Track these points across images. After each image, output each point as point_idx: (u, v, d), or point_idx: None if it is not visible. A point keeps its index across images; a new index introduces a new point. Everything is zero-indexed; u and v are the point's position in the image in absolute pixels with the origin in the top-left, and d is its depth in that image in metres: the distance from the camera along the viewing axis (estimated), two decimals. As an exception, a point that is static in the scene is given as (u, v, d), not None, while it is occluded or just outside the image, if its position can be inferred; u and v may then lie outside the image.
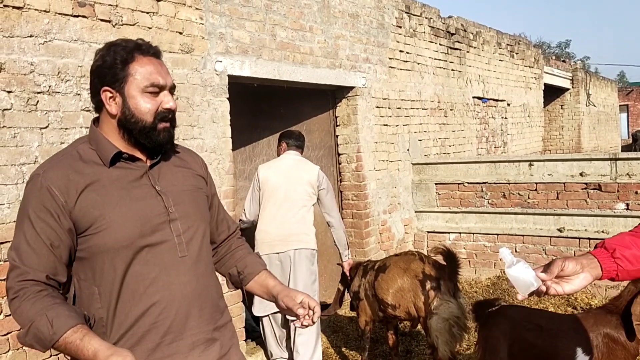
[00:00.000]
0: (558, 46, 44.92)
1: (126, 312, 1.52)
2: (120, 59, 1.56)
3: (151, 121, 1.57)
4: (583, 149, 15.18)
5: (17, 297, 1.45)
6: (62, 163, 1.55)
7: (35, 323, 1.41)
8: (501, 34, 9.96)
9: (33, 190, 1.52)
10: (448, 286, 3.43)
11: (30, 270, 1.47)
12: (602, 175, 5.70)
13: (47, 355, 3.25)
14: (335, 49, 5.69)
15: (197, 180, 1.75)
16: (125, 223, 1.51)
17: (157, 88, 1.57)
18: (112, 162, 1.56)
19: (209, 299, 1.67)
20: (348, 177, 6.08)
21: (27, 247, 1.48)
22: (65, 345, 1.40)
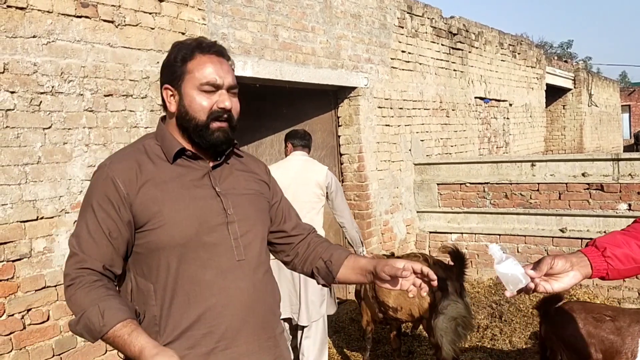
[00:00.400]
0: (560, 46, 44.87)
1: (181, 314, 1.50)
2: (181, 57, 1.56)
3: (204, 120, 1.55)
4: (585, 149, 15.16)
5: (73, 285, 1.46)
6: (129, 156, 1.56)
7: (87, 313, 1.41)
8: (503, 34, 9.96)
9: (98, 181, 1.54)
10: (455, 286, 3.41)
11: (88, 258, 1.48)
12: (604, 176, 5.69)
13: (50, 355, 3.26)
14: (338, 49, 5.69)
15: (259, 185, 1.73)
16: (182, 221, 1.51)
17: (213, 87, 1.55)
18: (175, 158, 1.57)
19: (265, 307, 1.63)
20: (350, 177, 6.08)
21: (87, 235, 1.50)
22: (114, 338, 1.40)
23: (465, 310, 3.41)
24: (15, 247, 3.10)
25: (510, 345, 4.50)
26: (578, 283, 1.50)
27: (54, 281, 3.28)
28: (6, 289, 3.06)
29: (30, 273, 3.18)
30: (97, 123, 3.52)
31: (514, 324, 4.92)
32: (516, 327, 4.85)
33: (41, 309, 3.22)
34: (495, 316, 5.17)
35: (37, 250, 3.21)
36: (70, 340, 3.36)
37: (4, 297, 3.05)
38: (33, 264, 3.19)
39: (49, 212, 3.26)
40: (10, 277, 3.08)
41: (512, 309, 5.28)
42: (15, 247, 3.10)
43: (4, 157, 3.06)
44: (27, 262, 3.17)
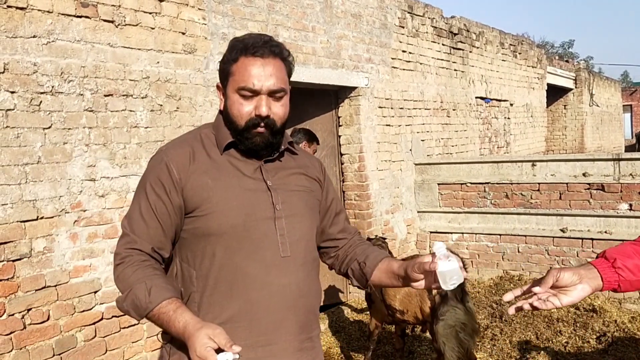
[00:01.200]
0: (561, 46, 44.85)
1: (222, 304, 1.51)
2: (228, 57, 1.56)
3: (243, 125, 1.54)
4: (586, 149, 15.14)
5: (122, 263, 1.49)
6: (185, 143, 1.59)
7: (134, 290, 1.44)
8: (504, 34, 9.95)
9: (154, 164, 1.57)
10: (455, 291, 3.31)
11: (138, 239, 1.51)
12: (605, 176, 5.68)
13: (50, 355, 3.26)
14: (338, 49, 5.69)
15: (310, 182, 1.71)
16: (231, 210, 1.51)
17: (250, 92, 1.53)
18: (226, 148, 1.58)
19: (307, 306, 1.61)
20: (350, 177, 6.08)
21: (139, 217, 1.53)
22: (159, 315, 1.42)
23: (466, 316, 3.33)
24: (15, 247, 3.11)
25: (511, 345, 4.49)
26: (587, 296, 1.44)
27: (54, 281, 3.29)
28: (6, 288, 3.07)
29: (30, 273, 3.18)
30: (97, 123, 3.52)
31: (515, 323, 4.92)
32: (516, 327, 4.84)
33: (41, 309, 3.22)
34: (495, 316, 5.17)
35: (37, 250, 3.21)
36: (70, 340, 3.37)
37: (4, 297, 3.05)
38: (33, 263, 3.20)
39: (49, 212, 3.27)
40: (11, 277, 3.09)
41: (512, 309, 5.27)
42: (15, 247, 3.11)
43: (4, 157, 3.06)
44: (27, 261, 3.17)
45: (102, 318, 3.54)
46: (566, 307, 5.18)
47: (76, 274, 3.40)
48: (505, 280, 6.07)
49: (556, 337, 4.61)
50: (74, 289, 3.40)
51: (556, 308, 1.42)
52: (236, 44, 1.56)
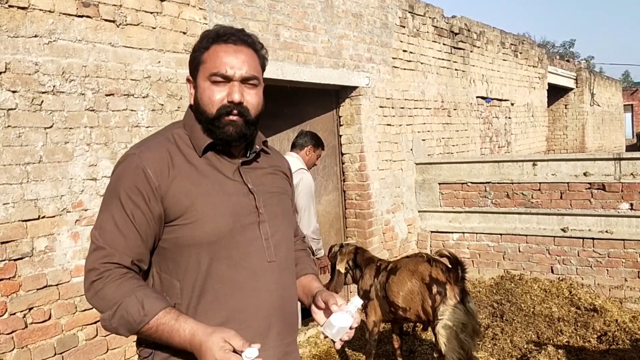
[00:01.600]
0: (562, 46, 44.81)
1: (208, 314, 1.43)
2: (198, 47, 1.50)
3: (213, 112, 1.46)
4: (587, 148, 15.13)
5: (100, 279, 1.38)
6: (159, 145, 1.48)
7: (123, 304, 1.34)
8: (505, 34, 9.95)
9: (127, 170, 1.44)
10: (455, 291, 3.35)
11: (116, 252, 1.40)
12: (606, 175, 5.68)
13: (52, 354, 3.26)
14: (339, 48, 5.69)
15: (284, 183, 1.67)
16: (217, 217, 1.44)
17: (223, 78, 1.45)
18: (204, 151, 1.49)
19: (290, 310, 1.59)
20: (351, 176, 6.08)
21: (114, 228, 1.41)
22: (157, 327, 1.34)
23: (465, 317, 3.32)
24: (16, 246, 3.11)
25: (512, 344, 4.50)
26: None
27: (55, 280, 3.29)
28: (8, 287, 3.07)
29: (31, 272, 3.18)
30: (98, 122, 3.53)
31: (515, 323, 4.92)
32: (517, 326, 4.84)
33: (43, 308, 3.23)
34: (496, 315, 5.17)
35: (38, 249, 3.22)
36: (71, 339, 3.37)
37: (5, 296, 3.06)
38: (34, 263, 3.20)
39: (50, 211, 3.27)
40: (12, 276, 3.09)
41: (513, 308, 5.28)
42: (16, 246, 3.11)
43: (5, 157, 3.07)
44: (29, 261, 3.17)
45: (103, 317, 3.54)
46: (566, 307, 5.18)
47: (77, 273, 3.41)
48: (506, 280, 6.07)
49: (557, 336, 4.61)
50: (76, 288, 3.40)
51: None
52: (207, 34, 1.51)
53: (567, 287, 5.63)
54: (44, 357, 3.22)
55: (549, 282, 5.83)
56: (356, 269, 4.06)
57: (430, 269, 3.47)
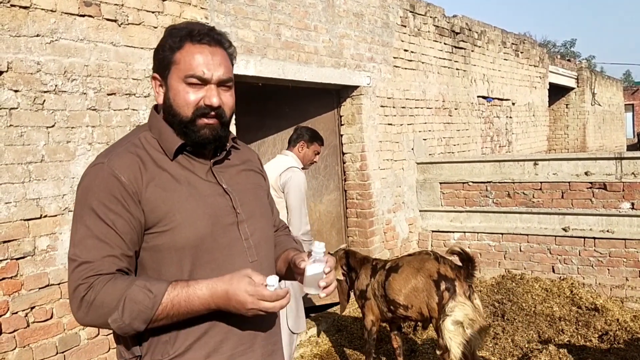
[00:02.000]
0: (563, 45, 44.79)
1: (194, 322, 1.37)
2: (169, 45, 1.42)
3: (189, 115, 1.41)
4: (588, 148, 15.13)
5: (90, 290, 1.29)
6: (127, 151, 1.41)
7: (128, 297, 1.27)
8: (506, 33, 9.95)
9: (97, 179, 1.36)
10: (463, 288, 3.36)
11: (102, 263, 1.31)
12: (607, 175, 5.68)
13: (54, 353, 3.27)
14: (340, 48, 5.69)
15: (258, 177, 1.64)
16: (197, 221, 1.39)
17: (200, 80, 1.41)
18: (175, 154, 1.44)
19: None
20: (352, 176, 6.09)
21: (95, 241, 1.32)
22: (172, 302, 1.29)
23: (474, 313, 3.32)
24: (19, 245, 3.12)
25: (513, 344, 4.50)
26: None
27: (57, 279, 3.29)
28: (10, 286, 3.08)
29: (33, 271, 3.19)
30: (100, 122, 3.53)
31: (517, 322, 4.92)
32: (518, 325, 4.85)
33: (45, 307, 3.23)
34: (497, 315, 5.17)
35: (40, 248, 3.22)
36: (73, 338, 3.38)
37: (7, 295, 3.06)
38: (37, 262, 3.21)
39: (52, 210, 3.27)
40: (14, 275, 3.10)
41: (514, 307, 5.28)
42: (19, 245, 3.12)
43: (7, 156, 3.07)
44: (31, 260, 3.18)
45: (105, 316, 3.54)
46: (568, 306, 5.18)
47: (79, 272, 3.41)
48: (507, 279, 6.07)
49: (558, 336, 4.61)
50: (77, 287, 3.40)
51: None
52: (177, 31, 1.44)
53: (568, 287, 5.63)
54: (45, 356, 3.22)
55: (550, 281, 5.83)
56: (351, 272, 4.03)
57: (438, 266, 3.46)
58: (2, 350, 3.01)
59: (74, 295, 1.31)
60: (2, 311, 3.03)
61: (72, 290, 1.31)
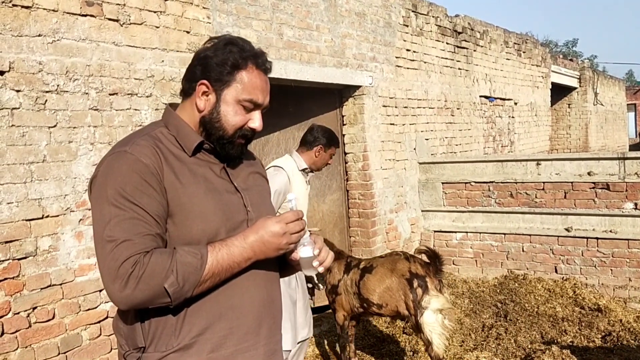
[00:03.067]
0: (565, 45, 44.73)
1: (201, 313, 1.41)
2: (233, 61, 1.47)
3: (231, 134, 1.50)
4: (590, 148, 15.10)
5: (137, 265, 1.28)
6: (146, 141, 1.43)
7: (178, 262, 1.31)
8: (508, 33, 9.93)
9: (122, 164, 1.36)
10: (434, 283, 3.52)
11: (142, 242, 1.32)
12: (610, 175, 5.67)
13: (55, 353, 3.26)
14: (342, 48, 5.68)
15: (262, 181, 1.71)
16: (212, 215, 1.44)
17: (253, 105, 1.50)
18: (194, 151, 1.49)
19: (277, 307, 1.60)
20: (354, 176, 6.08)
21: (131, 222, 1.32)
22: (216, 259, 1.36)
23: (448, 303, 3.54)
24: (20, 246, 3.11)
25: (516, 344, 4.48)
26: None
27: (59, 280, 3.29)
28: (12, 287, 3.07)
29: (35, 271, 3.18)
30: (102, 122, 3.53)
31: (519, 323, 4.91)
32: (521, 326, 4.83)
33: (47, 307, 3.23)
34: (500, 315, 5.16)
35: (42, 248, 3.22)
36: (75, 339, 3.37)
37: (9, 295, 3.06)
38: (38, 262, 3.20)
39: (54, 210, 3.27)
40: (16, 276, 3.09)
41: (517, 308, 5.27)
42: (20, 246, 3.11)
43: (9, 156, 3.06)
44: (33, 260, 3.17)
45: (107, 316, 3.54)
46: (570, 307, 5.16)
47: (81, 272, 3.41)
48: (509, 280, 6.06)
49: (561, 336, 4.60)
50: (79, 288, 3.40)
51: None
52: (240, 50, 1.48)
53: (571, 287, 5.61)
54: (47, 357, 3.22)
55: (552, 282, 5.82)
56: None
57: (409, 265, 3.62)
58: (4, 351, 3.01)
59: (118, 274, 1.28)
60: (4, 312, 3.03)
61: (115, 269, 1.28)
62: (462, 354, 4.33)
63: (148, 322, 1.40)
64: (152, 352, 1.40)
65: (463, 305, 5.51)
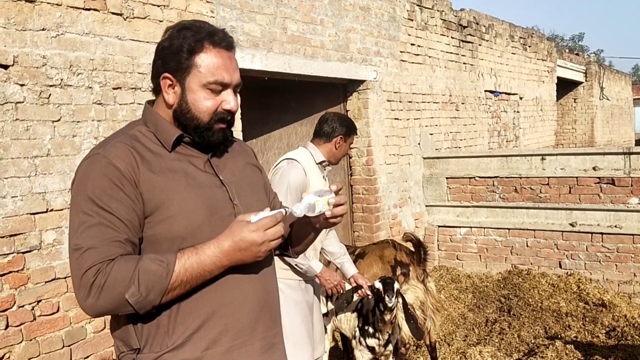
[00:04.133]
0: (571, 39, 44.44)
1: (192, 311, 1.38)
2: (188, 46, 1.40)
3: (207, 121, 1.43)
4: (596, 143, 15.02)
5: (99, 274, 1.25)
6: (122, 142, 1.39)
7: (140, 270, 1.26)
8: (514, 27, 9.87)
9: (94, 169, 1.34)
10: (417, 272, 3.60)
11: (107, 249, 1.28)
12: (615, 170, 5.64)
13: (60, 346, 3.28)
14: (346, 42, 5.67)
15: (253, 170, 1.64)
16: (194, 210, 1.38)
17: (220, 86, 1.42)
18: (174, 146, 1.44)
19: (274, 301, 1.56)
20: (359, 171, 6.07)
21: (98, 228, 1.29)
22: (184, 267, 1.29)
23: (424, 295, 3.58)
24: (25, 239, 3.13)
25: (519, 339, 4.48)
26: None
27: (63, 273, 3.30)
28: (17, 280, 3.09)
29: (40, 265, 3.20)
30: (105, 116, 3.53)
31: (523, 318, 4.90)
32: (525, 321, 4.83)
33: (51, 301, 3.25)
34: (503, 310, 5.15)
35: (47, 242, 3.23)
36: (79, 332, 3.39)
37: (14, 289, 3.07)
38: (43, 255, 3.21)
39: (58, 204, 3.28)
40: (21, 269, 3.11)
41: (521, 303, 5.26)
42: (25, 239, 3.13)
43: (14, 150, 3.07)
44: (37, 254, 3.19)
45: (111, 310, 3.55)
46: (575, 302, 5.14)
47: (85, 266, 3.42)
48: (513, 275, 6.05)
49: (565, 331, 4.59)
50: (84, 281, 3.41)
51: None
52: (193, 33, 1.41)
53: (575, 282, 5.60)
54: (52, 350, 3.24)
55: (557, 277, 5.80)
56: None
57: (395, 253, 3.72)
58: (9, 344, 3.03)
59: (81, 282, 1.27)
60: (8, 305, 3.04)
61: (79, 277, 1.27)
62: (465, 349, 4.33)
63: (141, 324, 1.37)
64: (147, 353, 1.38)
65: (467, 300, 5.51)
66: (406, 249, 3.74)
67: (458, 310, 5.26)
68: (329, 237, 3.12)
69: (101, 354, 3.51)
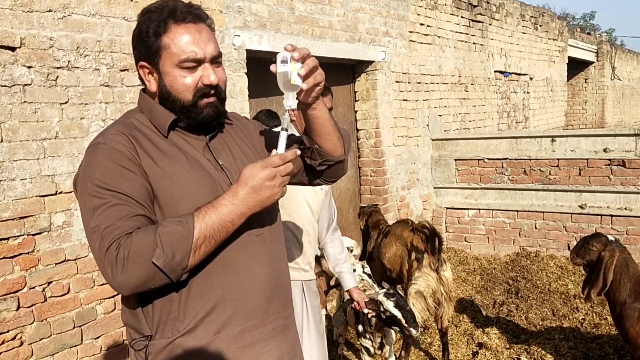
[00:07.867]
0: (582, 18, 43.78)
1: (202, 295, 1.37)
2: (153, 29, 1.37)
3: (190, 99, 1.40)
4: (607, 124, 14.88)
5: (121, 247, 1.23)
6: (121, 131, 1.38)
7: (161, 233, 1.24)
8: (525, 6, 9.72)
9: (97, 156, 1.33)
10: (430, 260, 3.54)
11: (125, 224, 1.27)
12: (626, 152, 5.58)
13: (71, 327, 3.32)
14: (355, 22, 5.60)
15: (254, 152, 1.59)
16: (198, 193, 1.37)
17: (194, 62, 1.38)
18: (169, 130, 1.43)
19: (285, 282, 1.55)
20: (367, 152, 6.04)
21: (112, 208, 1.28)
22: (204, 222, 1.27)
23: (437, 284, 3.52)
24: (35, 221, 3.15)
25: (527, 321, 4.49)
26: None
27: (73, 255, 3.33)
28: (27, 262, 3.11)
29: (50, 247, 3.22)
30: (113, 98, 3.52)
31: (531, 300, 4.90)
32: (532, 303, 4.83)
33: (61, 282, 3.27)
34: (511, 292, 5.15)
35: (56, 224, 3.25)
36: (90, 313, 3.43)
37: (25, 270, 3.10)
38: (53, 237, 3.24)
39: (67, 186, 3.29)
40: (31, 251, 3.13)
41: (528, 285, 5.26)
42: (35, 221, 3.15)
43: (22, 132, 3.08)
44: (47, 235, 3.21)
45: (121, 291, 3.58)
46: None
47: (95, 248, 3.44)
48: (521, 257, 6.04)
49: (573, 313, 4.59)
50: (94, 263, 3.43)
51: None
52: (155, 14, 1.38)
53: (583, 265, 5.58)
54: (63, 330, 3.28)
55: (565, 259, 5.78)
56: (368, 231, 4.24)
57: (412, 237, 3.67)
58: (21, 325, 3.07)
59: (106, 259, 1.24)
60: (19, 286, 3.07)
61: (103, 255, 1.25)
62: (472, 331, 4.35)
63: (152, 311, 1.38)
64: (159, 339, 1.38)
65: (474, 282, 5.51)
66: (423, 235, 3.67)
67: (466, 292, 5.27)
68: (334, 237, 2.88)
69: (112, 335, 3.54)
